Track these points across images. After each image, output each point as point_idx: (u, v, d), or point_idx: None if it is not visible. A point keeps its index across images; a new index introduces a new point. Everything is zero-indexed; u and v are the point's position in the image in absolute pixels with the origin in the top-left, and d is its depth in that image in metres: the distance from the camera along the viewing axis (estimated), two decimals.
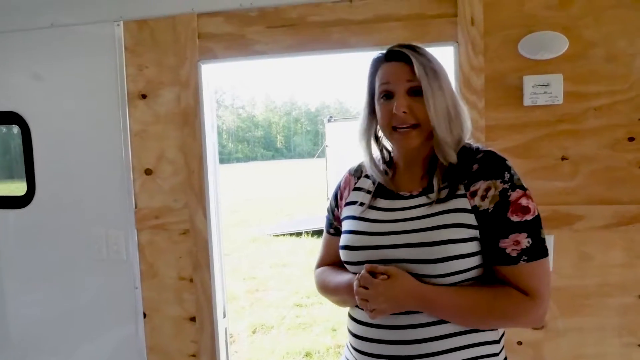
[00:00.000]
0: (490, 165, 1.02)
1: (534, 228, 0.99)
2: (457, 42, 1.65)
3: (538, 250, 0.98)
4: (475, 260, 1.00)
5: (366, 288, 0.99)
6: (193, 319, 1.94)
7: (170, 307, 1.96)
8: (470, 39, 1.64)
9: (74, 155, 1.98)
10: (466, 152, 1.07)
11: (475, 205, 1.01)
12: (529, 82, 1.61)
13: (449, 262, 0.97)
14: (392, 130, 1.07)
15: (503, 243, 0.98)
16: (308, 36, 1.75)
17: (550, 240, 1.62)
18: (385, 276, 0.98)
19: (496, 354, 1.04)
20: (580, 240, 1.64)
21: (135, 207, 1.94)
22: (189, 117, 1.86)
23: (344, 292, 1.10)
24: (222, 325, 1.98)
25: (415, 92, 1.05)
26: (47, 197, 2.03)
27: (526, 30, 1.62)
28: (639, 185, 1.60)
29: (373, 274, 1.00)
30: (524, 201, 0.99)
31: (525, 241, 0.98)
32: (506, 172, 1.01)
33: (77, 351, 2.06)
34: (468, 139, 1.11)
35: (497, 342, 1.05)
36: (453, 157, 1.05)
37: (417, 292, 0.98)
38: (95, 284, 2.01)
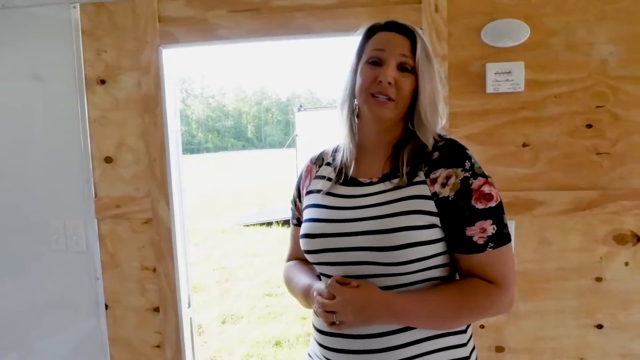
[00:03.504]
0: (451, 153, 1.01)
1: (498, 214, 0.97)
2: (421, 28, 1.65)
3: (502, 237, 0.98)
4: (435, 248, 0.98)
5: (332, 298, 0.96)
6: (157, 310, 1.91)
7: (133, 297, 1.92)
8: (434, 25, 1.64)
9: (30, 143, 1.91)
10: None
11: (435, 192, 0.98)
12: (492, 69, 1.63)
13: (407, 249, 0.95)
14: (369, 96, 1.03)
15: (470, 231, 0.97)
16: (271, 21, 1.72)
17: (511, 226, 1.65)
18: (356, 284, 0.95)
19: (467, 358, 1.03)
20: (540, 225, 1.68)
21: (95, 196, 1.88)
22: (150, 104, 1.81)
23: (301, 296, 1.11)
24: (186, 315, 1.95)
25: (404, 69, 1.03)
26: (2, 185, 1.95)
27: (489, 18, 1.63)
28: (596, 171, 1.65)
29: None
30: (486, 188, 0.97)
31: (490, 228, 0.96)
32: (467, 161, 0.99)
33: (38, 345, 2.00)
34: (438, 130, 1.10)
35: (465, 345, 1.03)
36: (431, 142, 1.03)
37: (386, 300, 0.95)
38: (55, 275, 1.94)
